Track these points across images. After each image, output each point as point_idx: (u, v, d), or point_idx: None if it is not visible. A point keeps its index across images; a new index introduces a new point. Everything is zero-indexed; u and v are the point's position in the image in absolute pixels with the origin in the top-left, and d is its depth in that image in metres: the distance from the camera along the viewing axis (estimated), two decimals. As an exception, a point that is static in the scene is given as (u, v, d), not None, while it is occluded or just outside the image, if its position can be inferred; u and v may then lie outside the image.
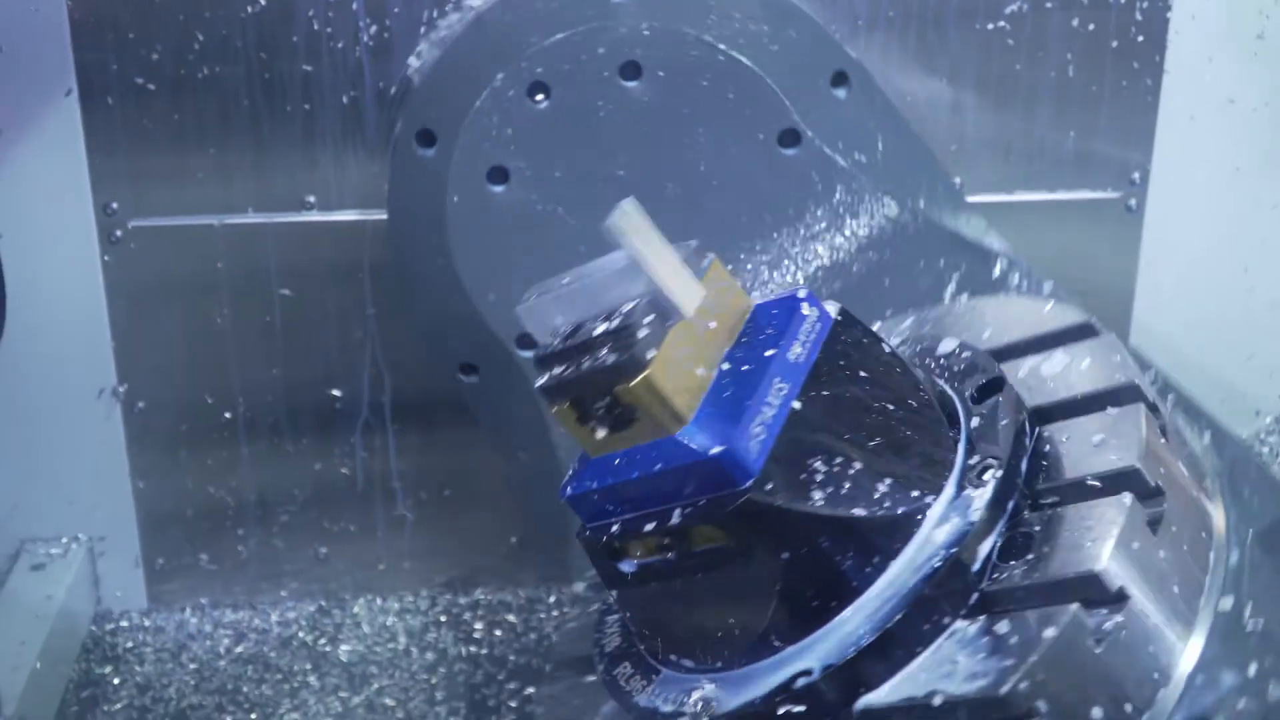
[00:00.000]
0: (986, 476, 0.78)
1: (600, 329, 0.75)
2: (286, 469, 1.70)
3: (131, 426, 1.66)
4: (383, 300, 1.62)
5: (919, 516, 0.77)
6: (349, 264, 1.61)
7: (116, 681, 1.62)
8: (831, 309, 0.81)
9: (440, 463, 1.70)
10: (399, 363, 1.65)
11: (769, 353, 0.77)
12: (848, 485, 0.75)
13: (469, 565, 1.76)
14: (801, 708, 0.74)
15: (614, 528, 0.79)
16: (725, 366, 0.77)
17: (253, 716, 1.58)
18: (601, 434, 0.77)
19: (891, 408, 0.79)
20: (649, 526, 0.77)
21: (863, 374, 0.79)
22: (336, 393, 1.67)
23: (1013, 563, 0.75)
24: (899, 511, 0.77)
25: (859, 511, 0.76)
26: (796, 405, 0.75)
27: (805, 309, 0.80)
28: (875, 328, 0.84)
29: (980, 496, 0.77)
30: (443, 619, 1.73)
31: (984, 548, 0.75)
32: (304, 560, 1.74)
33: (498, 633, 1.70)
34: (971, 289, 1.10)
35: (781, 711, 0.75)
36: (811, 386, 0.77)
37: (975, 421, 0.82)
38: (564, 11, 1.37)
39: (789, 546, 0.75)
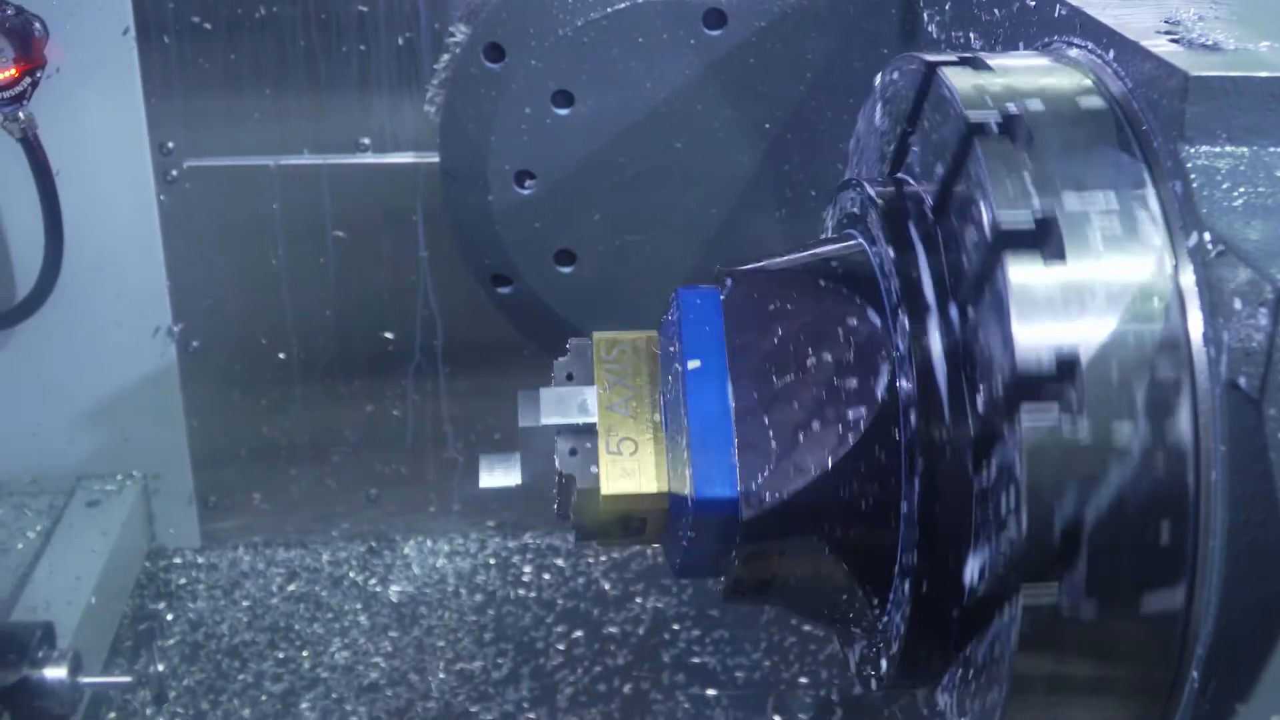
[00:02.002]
0: None
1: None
2: (339, 410, 1.71)
3: (186, 366, 1.67)
4: (435, 244, 1.62)
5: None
6: (402, 207, 1.61)
7: (170, 617, 1.64)
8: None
9: (491, 406, 1.70)
10: (451, 306, 1.65)
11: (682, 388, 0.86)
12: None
13: (518, 509, 1.76)
14: None
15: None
16: (658, 419, 0.88)
17: (304, 654, 1.60)
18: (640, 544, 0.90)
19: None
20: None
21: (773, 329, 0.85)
22: (389, 335, 1.67)
23: None
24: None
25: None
26: (731, 398, 0.84)
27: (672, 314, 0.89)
28: None
29: None
30: (492, 562, 1.74)
31: None
32: (355, 501, 1.75)
33: (546, 576, 1.71)
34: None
35: None
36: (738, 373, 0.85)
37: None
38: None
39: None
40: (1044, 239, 0.72)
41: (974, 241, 0.76)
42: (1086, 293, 0.71)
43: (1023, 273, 0.71)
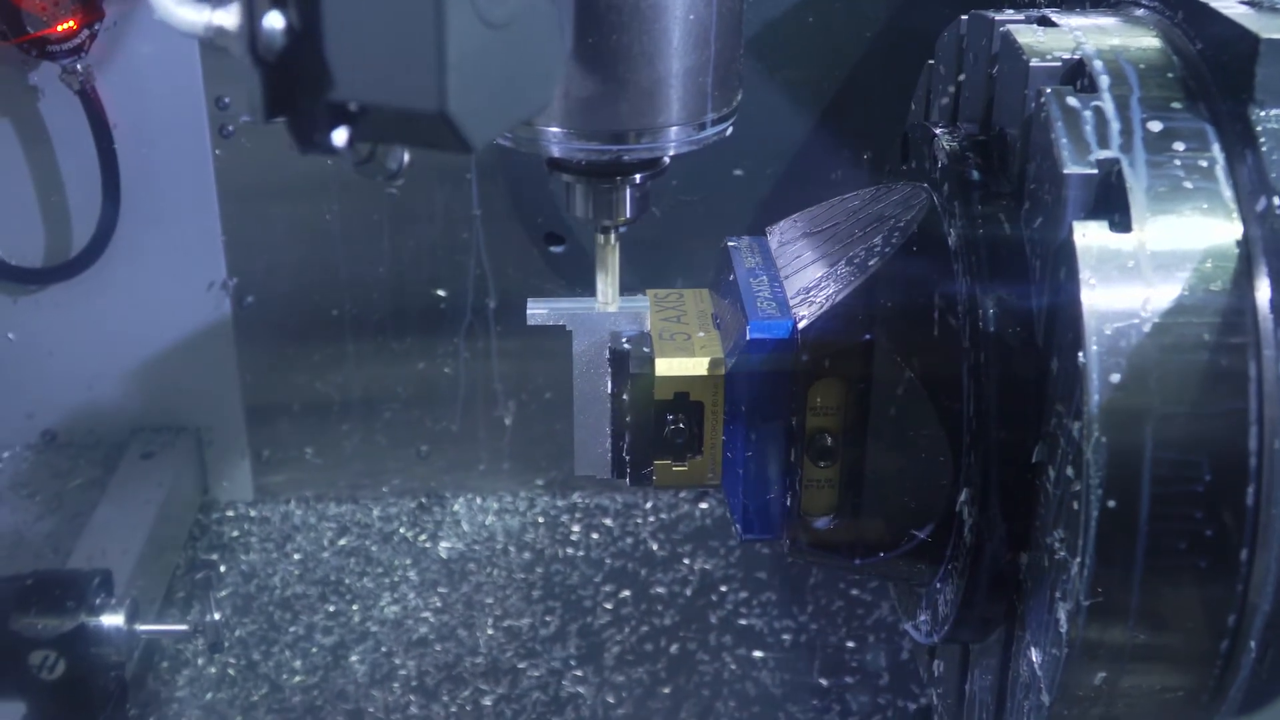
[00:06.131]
0: None
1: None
2: (391, 367, 1.71)
3: (240, 320, 1.68)
4: (489, 202, 1.62)
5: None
6: (457, 164, 1.61)
7: (223, 569, 1.66)
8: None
9: (541, 366, 1.70)
10: (504, 265, 1.65)
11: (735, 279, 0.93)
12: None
13: (567, 468, 1.76)
14: None
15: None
16: (716, 320, 0.94)
17: (354, 608, 1.61)
18: (692, 457, 0.91)
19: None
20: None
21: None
22: (441, 293, 1.67)
23: None
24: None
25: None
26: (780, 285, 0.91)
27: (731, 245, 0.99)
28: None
29: None
30: (540, 520, 1.74)
31: None
32: (406, 458, 1.76)
33: (594, 536, 1.71)
34: None
35: None
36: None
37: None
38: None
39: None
40: (1108, 198, 0.71)
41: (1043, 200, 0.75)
42: (1151, 255, 0.70)
43: (1087, 234, 0.71)
